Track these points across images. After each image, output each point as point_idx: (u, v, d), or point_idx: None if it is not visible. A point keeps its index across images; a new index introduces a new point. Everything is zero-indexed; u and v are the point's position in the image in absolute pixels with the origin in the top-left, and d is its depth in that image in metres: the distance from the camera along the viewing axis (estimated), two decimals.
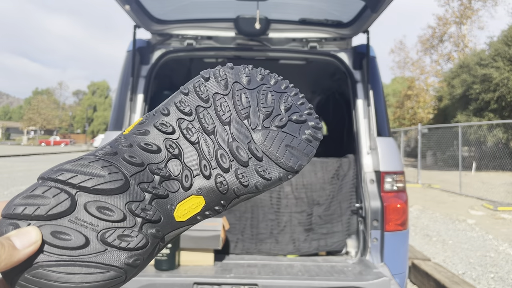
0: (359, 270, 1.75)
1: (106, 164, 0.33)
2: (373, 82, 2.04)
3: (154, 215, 0.33)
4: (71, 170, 0.32)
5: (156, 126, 0.36)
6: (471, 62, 14.63)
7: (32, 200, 0.30)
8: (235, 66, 0.40)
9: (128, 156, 0.34)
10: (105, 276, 0.30)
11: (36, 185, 0.31)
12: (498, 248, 3.97)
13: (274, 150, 0.37)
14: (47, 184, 0.31)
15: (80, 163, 0.32)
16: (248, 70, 0.40)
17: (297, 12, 2.09)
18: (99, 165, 0.32)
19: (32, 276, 0.29)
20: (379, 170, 1.87)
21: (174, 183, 0.35)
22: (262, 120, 0.38)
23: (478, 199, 7.21)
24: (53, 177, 0.31)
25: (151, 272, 1.69)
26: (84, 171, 0.32)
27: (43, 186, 0.31)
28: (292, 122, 0.39)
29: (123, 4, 1.82)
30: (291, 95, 0.41)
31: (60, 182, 0.31)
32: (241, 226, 2.05)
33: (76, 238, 0.30)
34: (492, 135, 11.28)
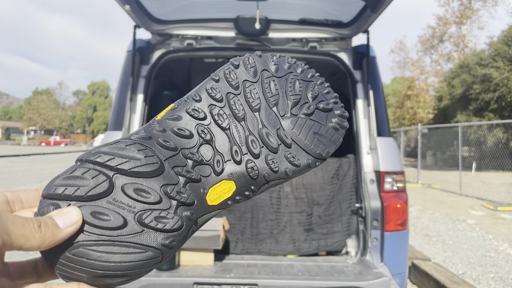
0: (359, 270, 1.75)
1: (142, 148, 0.34)
2: (373, 82, 2.04)
3: (188, 198, 0.34)
4: (109, 153, 0.33)
5: (188, 112, 0.37)
6: (471, 62, 14.63)
7: (72, 181, 0.31)
8: (263, 54, 0.41)
9: (162, 140, 0.35)
10: (143, 256, 0.31)
11: (75, 167, 0.32)
12: (498, 248, 3.97)
13: (302, 137, 0.38)
14: (85, 166, 0.32)
15: (117, 146, 0.33)
16: (276, 59, 0.41)
17: (297, 12, 2.09)
18: (135, 148, 0.33)
19: (73, 254, 0.30)
20: (379, 170, 1.87)
21: (206, 168, 0.36)
22: (290, 108, 0.39)
23: (478, 199, 7.21)
24: (91, 159, 0.32)
25: (151, 272, 1.69)
26: (121, 154, 0.33)
27: (82, 168, 0.32)
28: (319, 110, 0.40)
29: (123, 4, 1.82)
30: (318, 84, 0.42)
31: (98, 164, 0.32)
32: (241, 226, 2.05)
33: (115, 218, 0.31)
34: (492, 135, 11.28)
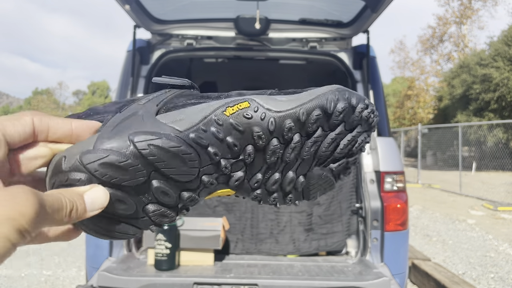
0: (359, 270, 1.75)
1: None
2: (373, 82, 2.04)
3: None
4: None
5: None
6: (471, 62, 14.62)
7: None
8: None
9: (212, 147, 0.37)
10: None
11: (127, 146, 0.33)
12: (498, 248, 3.97)
13: (313, 192, 0.42)
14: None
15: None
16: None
17: (297, 12, 2.09)
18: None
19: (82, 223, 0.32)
20: (379, 170, 1.87)
21: (223, 179, 0.38)
22: (324, 163, 0.42)
23: (478, 199, 7.20)
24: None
25: (151, 272, 1.69)
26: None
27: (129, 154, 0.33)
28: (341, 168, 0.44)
29: (123, 4, 1.82)
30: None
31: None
32: (241, 226, 2.05)
33: (130, 208, 0.33)
34: (492, 135, 11.28)
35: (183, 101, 0.38)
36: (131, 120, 0.33)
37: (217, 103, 0.36)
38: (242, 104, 0.36)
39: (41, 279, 2.90)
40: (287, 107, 0.37)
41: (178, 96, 0.39)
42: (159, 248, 1.71)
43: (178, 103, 0.37)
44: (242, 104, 0.36)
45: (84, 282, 2.43)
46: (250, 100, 0.36)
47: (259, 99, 0.37)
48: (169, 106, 0.37)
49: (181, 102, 0.37)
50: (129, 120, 0.33)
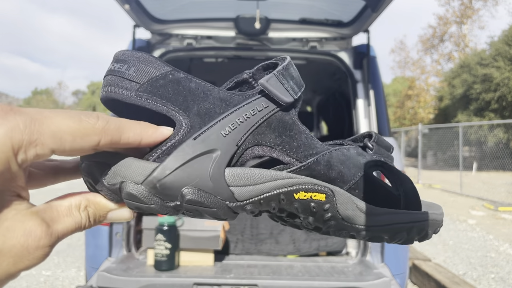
0: (360, 270, 1.75)
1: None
2: (373, 82, 2.04)
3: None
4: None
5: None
6: (472, 62, 14.61)
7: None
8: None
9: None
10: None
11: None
12: (499, 249, 3.96)
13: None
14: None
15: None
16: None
17: (297, 12, 2.09)
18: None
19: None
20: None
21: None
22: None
23: (478, 199, 7.20)
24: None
25: (150, 272, 1.69)
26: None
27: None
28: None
29: (123, 4, 1.81)
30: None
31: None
32: (241, 226, 2.04)
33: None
34: (493, 135, 11.27)
35: (270, 141, 0.31)
36: (200, 163, 0.28)
37: (294, 180, 0.31)
38: (318, 195, 0.32)
39: (40, 279, 2.90)
40: (359, 221, 0.33)
41: (271, 126, 0.31)
42: (159, 248, 1.71)
43: (263, 142, 0.31)
44: (318, 195, 0.32)
45: (83, 282, 2.43)
46: (329, 195, 0.32)
47: (340, 197, 0.32)
48: (248, 152, 0.31)
49: (266, 143, 0.31)
50: (198, 162, 0.28)
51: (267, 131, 0.31)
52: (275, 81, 0.31)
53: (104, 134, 0.25)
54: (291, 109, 0.32)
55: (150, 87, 0.28)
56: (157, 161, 0.28)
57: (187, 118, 0.29)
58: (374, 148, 0.37)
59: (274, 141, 0.31)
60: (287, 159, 0.32)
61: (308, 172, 0.32)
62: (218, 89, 0.31)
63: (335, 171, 0.33)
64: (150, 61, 0.29)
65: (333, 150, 0.34)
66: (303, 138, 0.32)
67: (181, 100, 0.29)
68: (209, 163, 0.28)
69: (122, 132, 0.26)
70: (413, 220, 0.34)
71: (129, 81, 0.28)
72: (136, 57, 0.29)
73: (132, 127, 0.27)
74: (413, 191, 0.36)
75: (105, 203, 0.28)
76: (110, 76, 0.29)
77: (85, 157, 0.28)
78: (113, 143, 0.26)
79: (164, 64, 0.30)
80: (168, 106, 0.28)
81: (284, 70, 0.32)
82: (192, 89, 0.30)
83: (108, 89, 0.28)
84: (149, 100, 0.28)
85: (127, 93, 0.28)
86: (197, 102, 0.29)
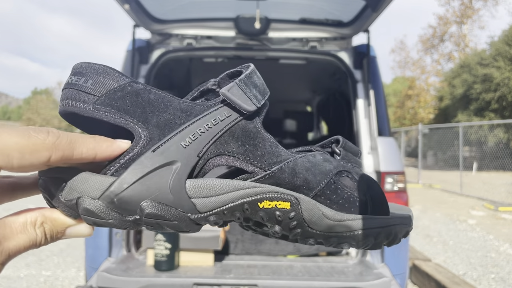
0: (360, 270, 1.74)
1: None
2: (373, 82, 2.03)
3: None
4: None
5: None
6: (472, 62, 14.61)
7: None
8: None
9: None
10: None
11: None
12: (499, 249, 3.96)
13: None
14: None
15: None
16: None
17: (297, 12, 2.09)
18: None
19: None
20: (380, 171, 1.86)
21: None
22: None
23: (479, 199, 7.19)
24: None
25: (150, 272, 1.69)
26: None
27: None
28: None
29: (123, 4, 1.81)
30: None
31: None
32: None
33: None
34: (493, 135, 11.26)
35: (232, 150, 0.31)
36: (159, 176, 0.28)
37: (258, 189, 0.31)
38: (283, 204, 0.31)
39: (40, 279, 2.90)
40: (326, 228, 0.33)
41: (234, 135, 0.31)
42: (159, 248, 1.70)
43: (225, 151, 0.30)
44: (282, 204, 0.31)
45: (83, 282, 2.43)
46: (294, 203, 0.31)
47: (305, 204, 0.32)
48: (210, 162, 0.30)
49: (229, 152, 0.31)
50: (157, 175, 0.27)
51: (230, 141, 0.31)
52: (237, 90, 0.30)
53: (55, 149, 0.25)
54: (255, 117, 0.32)
55: (108, 100, 0.28)
56: (115, 175, 0.27)
57: (146, 130, 0.28)
58: (341, 154, 0.36)
59: (237, 150, 0.31)
60: (251, 168, 0.31)
61: (272, 180, 0.32)
62: (179, 100, 0.30)
63: (300, 179, 0.32)
64: (108, 73, 0.29)
65: (298, 157, 0.33)
66: (267, 146, 0.32)
67: (140, 112, 0.28)
68: (169, 176, 0.28)
69: (74, 148, 0.26)
70: (380, 226, 0.34)
71: (87, 94, 0.28)
72: (94, 69, 0.29)
73: (85, 141, 0.26)
74: (380, 196, 0.36)
75: (63, 219, 0.28)
76: (68, 90, 0.28)
77: (42, 173, 0.28)
78: (65, 158, 0.25)
79: (123, 76, 0.29)
80: (126, 119, 0.28)
81: (246, 78, 0.31)
82: (151, 100, 0.29)
83: (66, 103, 0.28)
84: (107, 112, 0.28)
85: (84, 106, 0.27)
86: (157, 113, 0.29)
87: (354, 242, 0.34)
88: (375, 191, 0.36)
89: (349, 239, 0.33)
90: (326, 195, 0.33)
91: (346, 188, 0.34)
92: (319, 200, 0.33)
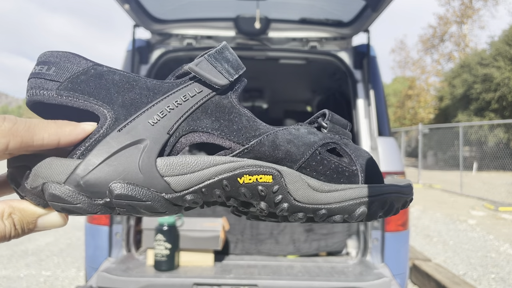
0: (360, 270, 1.74)
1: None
2: (373, 82, 2.03)
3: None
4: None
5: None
6: (472, 62, 14.60)
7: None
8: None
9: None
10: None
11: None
12: (499, 249, 3.96)
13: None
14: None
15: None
16: None
17: (297, 12, 2.09)
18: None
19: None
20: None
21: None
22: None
23: (479, 199, 7.19)
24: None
25: (150, 272, 1.69)
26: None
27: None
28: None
29: (122, 3, 1.81)
30: None
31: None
32: (241, 226, 2.04)
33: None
34: (493, 135, 11.26)
35: (206, 126, 0.30)
36: (126, 155, 0.27)
37: (236, 164, 0.29)
38: (264, 177, 0.30)
39: (40, 279, 2.89)
40: (313, 200, 0.31)
41: (207, 111, 0.30)
42: (159, 248, 1.70)
43: (198, 128, 0.30)
44: (264, 177, 0.30)
45: (83, 282, 2.43)
46: (276, 176, 0.30)
47: (288, 176, 0.30)
48: (182, 140, 0.29)
49: (203, 129, 0.30)
50: (124, 155, 0.27)
51: (203, 117, 0.30)
52: (206, 64, 0.30)
53: (12, 136, 0.24)
54: (229, 92, 0.31)
55: (71, 84, 0.27)
56: (81, 158, 0.27)
57: (112, 111, 0.27)
58: (328, 126, 0.35)
59: (211, 125, 0.30)
60: (228, 143, 0.30)
61: (252, 155, 0.30)
62: (146, 79, 0.30)
63: (281, 151, 0.31)
64: (70, 59, 0.28)
65: (278, 130, 0.32)
66: (244, 120, 0.31)
67: (104, 93, 0.28)
68: (138, 154, 0.27)
69: (34, 133, 0.25)
70: (373, 194, 0.32)
71: (50, 81, 0.27)
72: (56, 56, 0.28)
73: (46, 126, 0.25)
74: (372, 165, 0.34)
75: (32, 209, 0.26)
76: (32, 79, 0.28)
77: (8, 163, 0.27)
78: (24, 145, 0.24)
79: (86, 60, 0.29)
80: (90, 101, 0.27)
81: (216, 53, 0.31)
82: (116, 81, 0.28)
83: (31, 93, 0.27)
84: (70, 97, 0.27)
85: (48, 93, 0.27)
86: (122, 93, 0.28)
87: (346, 214, 0.32)
88: (366, 161, 0.34)
89: (340, 210, 0.31)
90: (312, 166, 0.32)
91: (334, 159, 0.33)
92: (305, 172, 0.32)
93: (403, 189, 0.34)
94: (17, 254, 3.45)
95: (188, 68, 0.30)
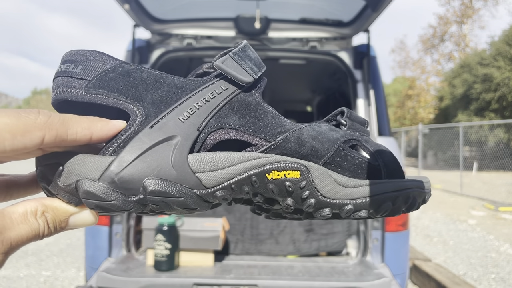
0: (360, 270, 1.74)
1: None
2: (373, 82, 2.03)
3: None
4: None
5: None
6: (472, 62, 14.60)
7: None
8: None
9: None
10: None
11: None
12: (499, 249, 3.96)
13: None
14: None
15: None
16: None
17: (298, 12, 2.09)
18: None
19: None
20: None
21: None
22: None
23: (479, 199, 7.19)
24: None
25: (150, 272, 1.69)
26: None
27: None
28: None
29: (122, 3, 1.81)
30: None
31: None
32: (241, 226, 2.04)
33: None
34: (493, 135, 11.26)
35: (233, 123, 0.30)
36: (159, 151, 0.27)
37: (264, 160, 0.30)
38: (292, 173, 0.30)
39: (40, 279, 2.89)
40: (340, 195, 0.31)
41: (233, 108, 0.30)
42: (159, 248, 1.70)
43: (226, 125, 0.30)
44: (292, 173, 0.30)
45: (83, 282, 2.43)
46: (304, 172, 0.30)
47: (315, 172, 0.31)
48: (211, 136, 0.29)
49: (230, 125, 0.30)
50: (157, 151, 0.27)
51: (230, 113, 0.30)
52: (231, 62, 0.30)
53: (48, 129, 0.23)
54: (253, 89, 0.31)
55: (99, 82, 0.27)
56: (113, 155, 0.27)
57: (142, 108, 0.28)
58: (347, 124, 0.36)
59: (239, 122, 0.30)
60: (255, 140, 0.31)
61: (278, 151, 0.31)
62: (173, 77, 0.30)
63: (307, 147, 0.31)
64: (97, 57, 0.28)
65: (302, 127, 0.33)
66: (269, 117, 0.32)
67: (133, 91, 0.28)
68: (170, 151, 0.27)
69: (68, 127, 0.25)
70: (397, 189, 0.32)
71: (78, 79, 0.27)
72: (82, 55, 0.28)
73: (79, 121, 0.25)
74: (394, 161, 0.35)
75: (64, 207, 0.26)
76: (58, 78, 0.28)
77: (38, 162, 0.27)
78: (59, 139, 0.24)
79: (113, 58, 0.29)
80: (120, 99, 0.27)
81: (240, 51, 0.31)
82: (144, 79, 0.29)
83: (58, 91, 0.27)
84: (99, 95, 0.27)
85: (76, 91, 0.27)
86: (151, 91, 0.28)
87: (371, 208, 0.32)
88: (388, 157, 0.35)
89: (365, 205, 0.32)
90: (337, 162, 0.32)
91: (357, 155, 0.34)
92: (330, 168, 0.32)
93: (424, 184, 0.35)
94: (17, 254, 3.45)
95: (215, 65, 0.30)
